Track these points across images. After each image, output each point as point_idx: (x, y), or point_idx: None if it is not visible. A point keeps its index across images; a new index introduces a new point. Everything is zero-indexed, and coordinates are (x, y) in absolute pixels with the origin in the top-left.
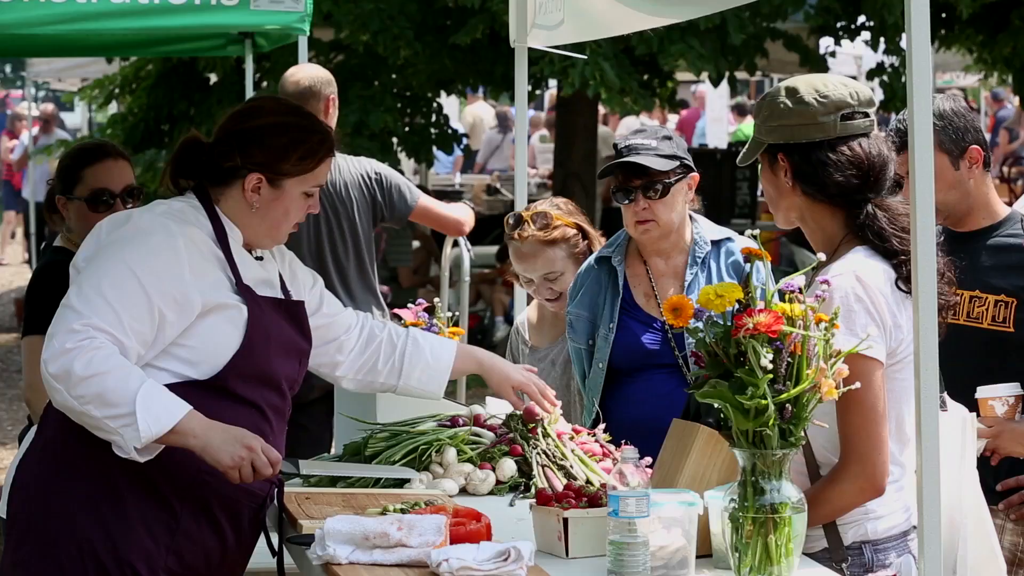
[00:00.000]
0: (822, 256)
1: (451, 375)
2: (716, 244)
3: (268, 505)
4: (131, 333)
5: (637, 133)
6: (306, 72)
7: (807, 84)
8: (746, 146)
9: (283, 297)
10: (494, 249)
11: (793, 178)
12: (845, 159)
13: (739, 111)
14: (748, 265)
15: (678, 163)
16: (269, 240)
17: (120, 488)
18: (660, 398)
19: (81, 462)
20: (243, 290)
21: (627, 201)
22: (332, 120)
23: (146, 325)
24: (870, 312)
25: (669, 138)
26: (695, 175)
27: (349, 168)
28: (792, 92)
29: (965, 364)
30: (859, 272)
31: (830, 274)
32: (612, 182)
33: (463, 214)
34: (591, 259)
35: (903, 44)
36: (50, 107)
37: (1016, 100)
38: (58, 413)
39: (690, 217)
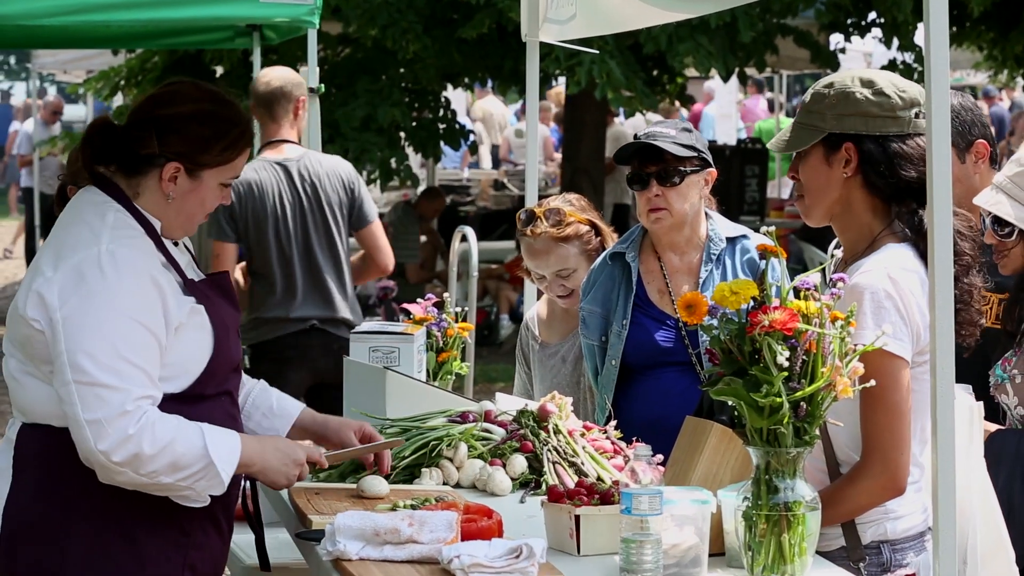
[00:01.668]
0: (838, 253)
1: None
2: (731, 241)
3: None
4: (158, 382)
5: (658, 123)
6: (276, 74)
7: (884, 78)
8: (791, 134)
9: (206, 275)
10: (500, 244)
11: (857, 169)
12: (919, 155)
13: (772, 106)
14: (763, 262)
15: (695, 154)
16: (182, 231)
17: (125, 521)
18: (673, 396)
19: (80, 504)
20: (191, 287)
21: (641, 188)
22: (302, 121)
23: (158, 366)
24: (899, 310)
25: (689, 131)
26: (712, 171)
27: (331, 166)
28: (869, 83)
29: (971, 362)
30: (892, 271)
31: (861, 269)
32: (628, 171)
33: (391, 258)
34: (605, 254)
35: (916, 40)
36: (52, 99)
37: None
38: (36, 458)
39: (706, 214)
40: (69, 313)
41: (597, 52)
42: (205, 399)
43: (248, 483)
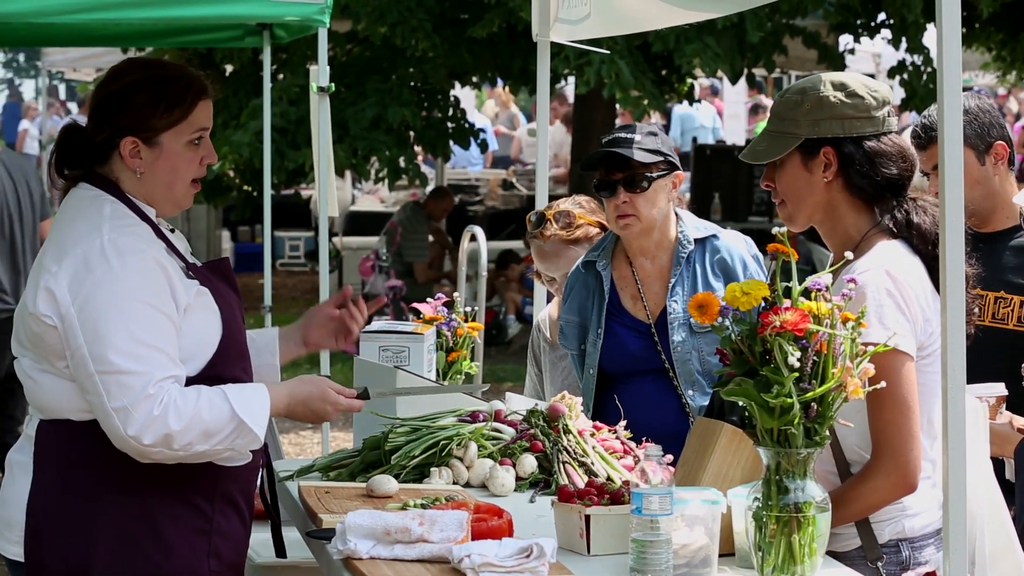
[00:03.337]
0: (849, 254)
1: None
2: (700, 242)
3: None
4: (178, 361)
5: (623, 128)
6: None
7: (853, 79)
8: (766, 143)
9: (205, 262)
10: (509, 244)
11: (838, 172)
12: (896, 151)
13: (754, 110)
14: (773, 263)
15: (661, 159)
16: (170, 204)
17: (149, 511)
18: (649, 403)
19: (103, 496)
20: (194, 270)
21: (608, 195)
22: None
23: (177, 346)
24: (900, 307)
25: (655, 134)
26: (680, 173)
27: (21, 159)
28: (841, 86)
29: (990, 365)
30: (889, 266)
31: (858, 270)
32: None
33: None
34: (578, 263)
35: (924, 42)
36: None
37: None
38: (57, 453)
39: (676, 215)
40: (81, 305)
41: (608, 52)
42: (221, 381)
43: (264, 471)
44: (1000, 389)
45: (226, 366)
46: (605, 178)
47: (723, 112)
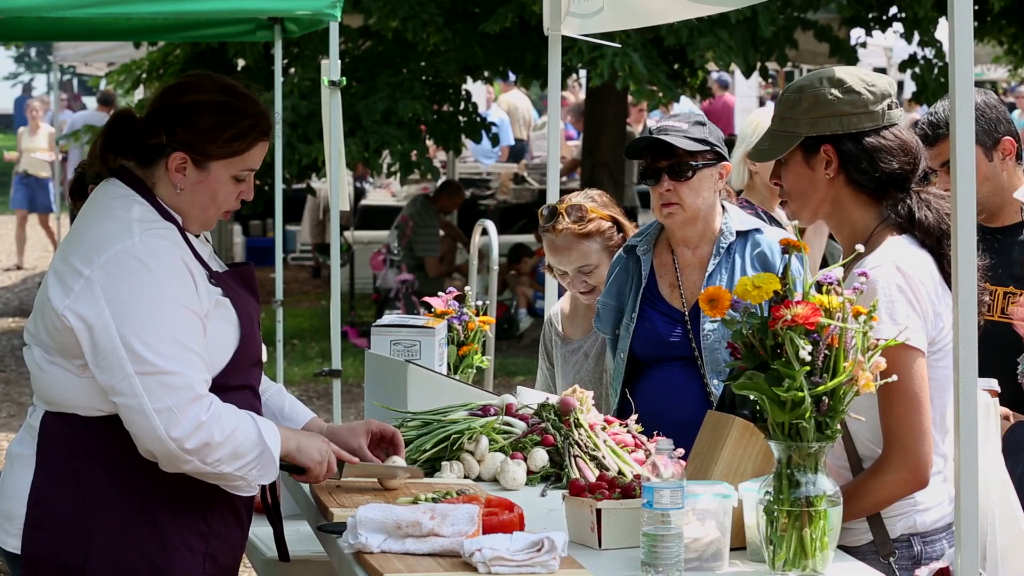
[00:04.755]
0: (860, 247)
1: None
2: (743, 235)
3: None
4: (209, 367)
5: (671, 117)
6: None
7: (850, 75)
8: (769, 142)
9: (228, 266)
10: (520, 238)
11: (839, 168)
12: (897, 145)
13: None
14: (786, 256)
15: (708, 148)
16: (197, 225)
17: (149, 510)
18: (672, 389)
19: (105, 492)
20: (216, 278)
21: (653, 183)
22: None
23: (206, 350)
24: (911, 302)
25: (702, 124)
26: (727, 164)
27: None
28: (838, 83)
29: (999, 360)
30: (899, 262)
31: (868, 265)
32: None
33: None
34: (622, 248)
35: (937, 36)
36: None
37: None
38: (62, 447)
39: (723, 207)
40: (119, 307)
41: (619, 46)
42: (229, 391)
43: None
44: (992, 384)
45: (235, 377)
46: (650, 166)
47: (734, 106)
